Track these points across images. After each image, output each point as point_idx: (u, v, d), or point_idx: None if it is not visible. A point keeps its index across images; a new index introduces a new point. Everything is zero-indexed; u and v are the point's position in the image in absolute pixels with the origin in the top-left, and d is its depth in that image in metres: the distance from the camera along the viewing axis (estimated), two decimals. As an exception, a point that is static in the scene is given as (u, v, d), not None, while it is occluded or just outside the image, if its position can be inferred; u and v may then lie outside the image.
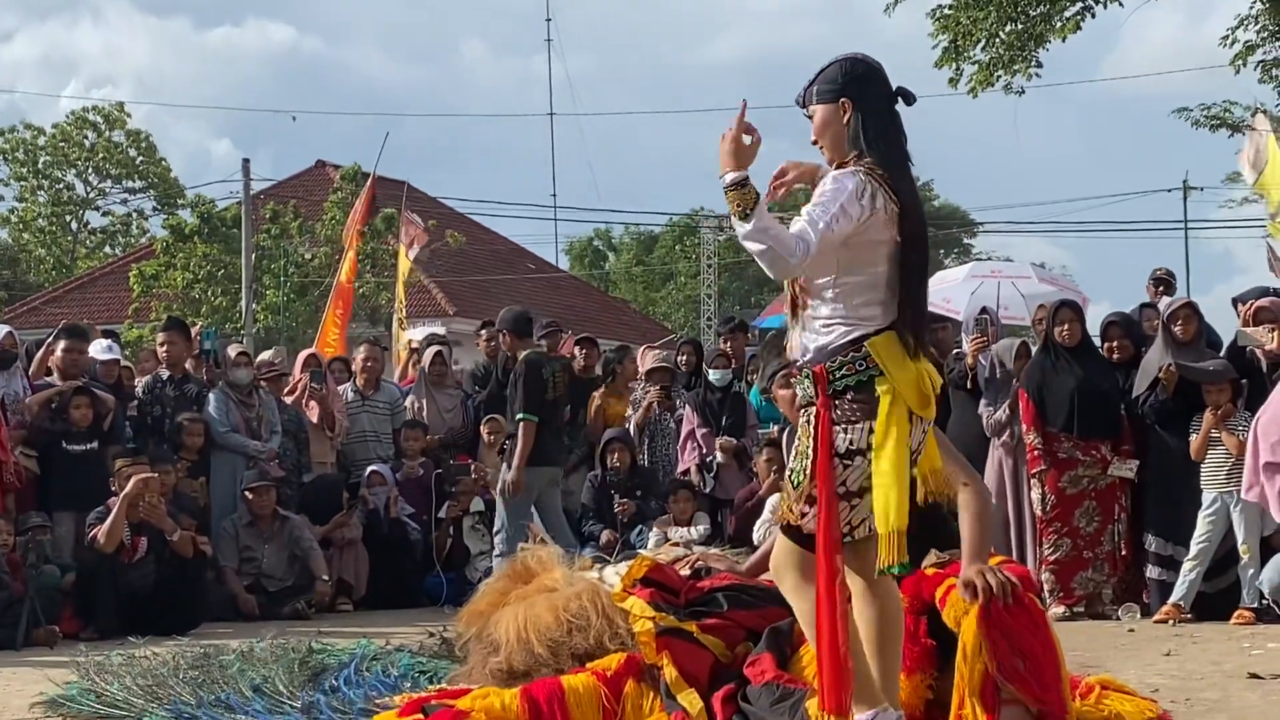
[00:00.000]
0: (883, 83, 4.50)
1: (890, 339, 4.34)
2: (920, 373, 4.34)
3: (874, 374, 4.30)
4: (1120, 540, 9.87)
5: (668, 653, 5.16)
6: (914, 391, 4.30)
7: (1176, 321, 9.83)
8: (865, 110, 4.42)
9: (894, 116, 4.49)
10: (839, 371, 4.33)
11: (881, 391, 4.28)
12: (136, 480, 9.73)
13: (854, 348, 4.33)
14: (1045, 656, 4.65)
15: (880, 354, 4.31)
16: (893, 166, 4.39)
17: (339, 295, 16.72)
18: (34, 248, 48.84)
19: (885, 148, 4.40)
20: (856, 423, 4.30)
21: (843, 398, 4.32)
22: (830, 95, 4.47)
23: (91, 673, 6.45)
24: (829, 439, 4.31)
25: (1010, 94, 18.38)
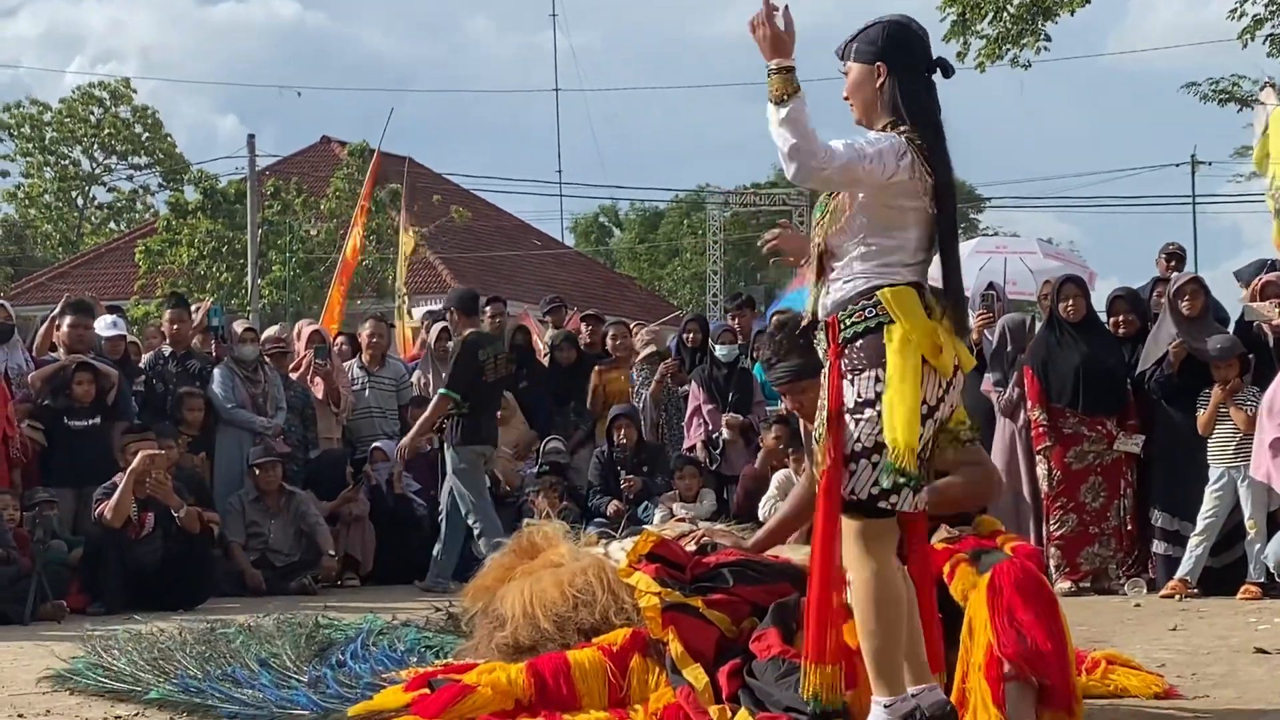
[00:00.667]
0: (923, 51, 4.43)
1: (908, 291, 4.26)
2: (938, 327, 4.26)
3: (883, 320, 4.23)
4: (1126, 515, 9.88)
5: (673, 628, 5.16)
6: (927, 340, 4.21)
7: (1183, 297, 9.80)
8: (900, 76, 4.36)
9: (930, 87, 4.42)
10: (849, 320, 4.28)
11: (891, 332, 4.20)
12: (143, 456, 9.73)
13: (866, 296, 4.27)
14: (1051, 632, 4.63)
15: (892, 302, 4.23)
16: (928, 138, 4.32)
17: (345, 271, 16.74)
18: (40, 224, 48.84)
19: (921, 118, 4.33)
20: (863, 370, 4.23)
21: (852, 345, 4.26)
22: (868, 56, 4.40)
23: (98, 648, 6.46)
24: (839, 393, 4.26)
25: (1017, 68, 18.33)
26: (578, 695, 5.12)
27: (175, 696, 5.60)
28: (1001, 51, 17.97)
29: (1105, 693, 5.52)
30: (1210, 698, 5.50)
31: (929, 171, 4.29)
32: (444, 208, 32.26)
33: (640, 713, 5.02)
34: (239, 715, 5.31)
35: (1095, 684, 5.57)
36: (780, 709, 4.70)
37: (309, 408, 12.16)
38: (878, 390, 4.20)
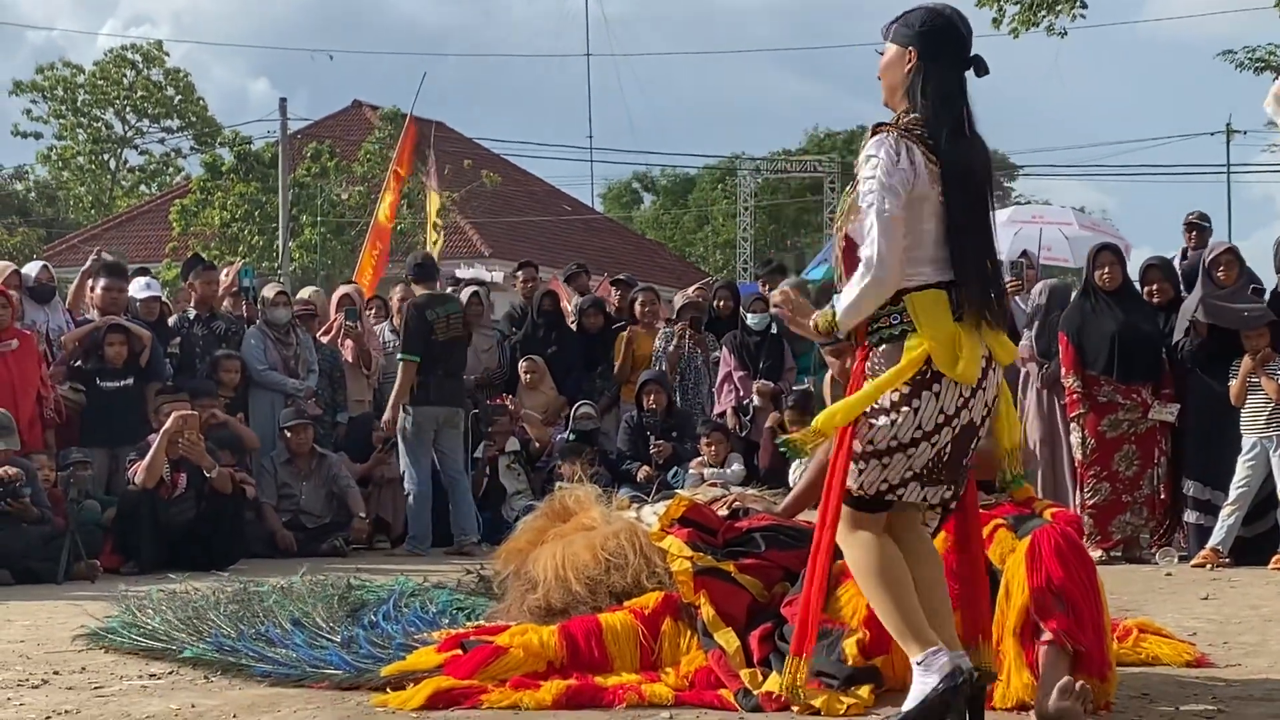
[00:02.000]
0: (958, 45, 4.36)
1: (933, 296, 4.25)
2: (958, 335, 4.24)
3: (907, 329, 4.23)
4: (1159, 484, 9.86)
5: (705, 592, 5.17)
6: (946, 351, 4.19)
7: (1219, 267, 9.76)
8: (928, 68, 4.32)
9: (959, 82, 4.36)
10: (876, 324, 4.28)
11: (909, 347, 4.21)
12: (176, 417, 9.78)
13: (893, 302, 4.27)
14: (1087, 599, 4.62)
15: (917, 309, 4.23)
16: (941, 129, 4.28)
17: (377, 234, 16.72)
18: (73, 186, 49.01)
19: (937, 110, 4.28)
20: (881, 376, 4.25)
21: (875, 350, 4.28)
22: (903, 39, 4.37)
23: (133, 606, 6.51)
24: (859, 389, 4.27)
25: (1053, 35, 18.20)
26: (609, 657, 5.14)
27: (209, 655, 5.63)
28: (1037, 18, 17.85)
29: (1137, 661, 5.52)
30: (1242, 666, 5.49)
31: (932, 158, 4.26)
32: (475, 172, 32.26)
33: (672, 675, 5.03)
34: (272, 674, 5.34)
35: (1127, 652, 5.57)
36: (812, 674, 4.70)
37: (338, 370, 12.22)
38: (893, 399, 4.22)
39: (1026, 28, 18.01)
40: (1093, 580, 4.67)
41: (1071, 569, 4.61)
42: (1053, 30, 18.13)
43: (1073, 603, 4.58)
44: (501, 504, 11.76)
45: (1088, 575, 4.65)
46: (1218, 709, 4.65)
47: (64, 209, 48.95)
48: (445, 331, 11.05)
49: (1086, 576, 4.64)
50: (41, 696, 5.16)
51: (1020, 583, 4.61)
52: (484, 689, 4.88)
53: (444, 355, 11.09)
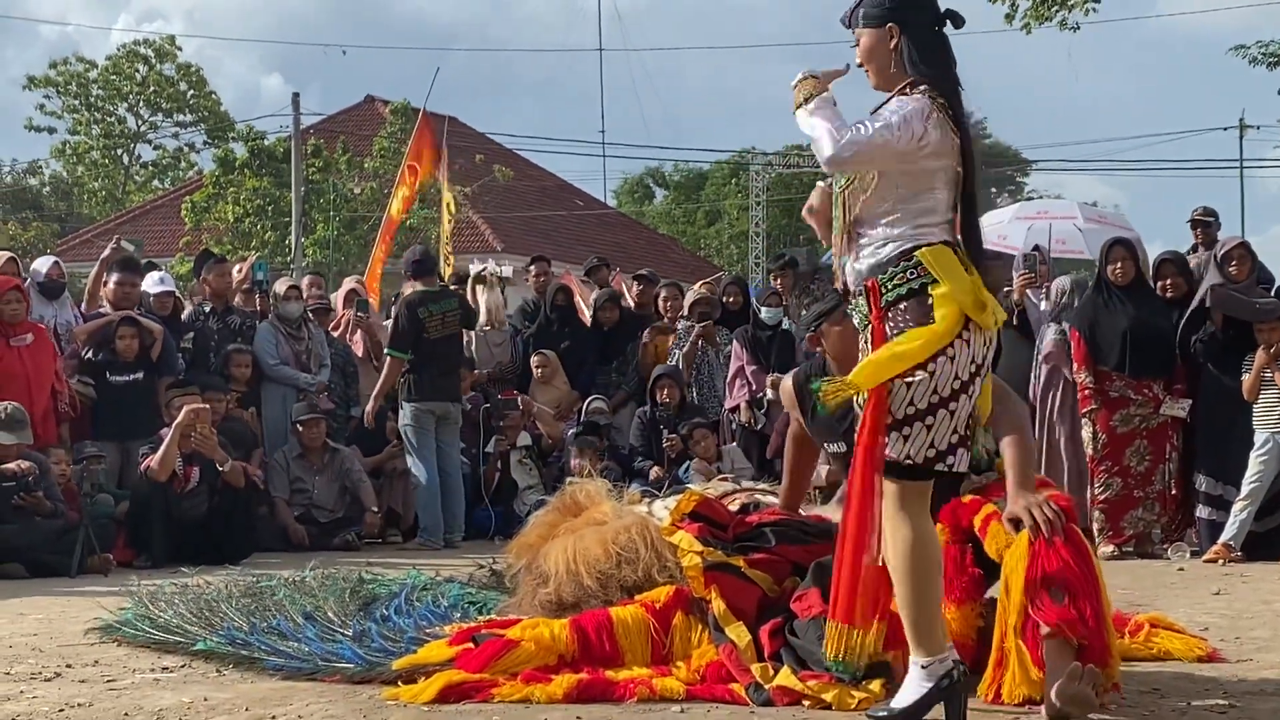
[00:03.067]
0: (931, 5, 4.39)
1: (944, 250, 4.24)
2: (977, 283, 4.24)
3: (926, 281, 4.20)
4: (1171, 480, 9.84)
5: (716, 586, 5.17)
6: (970, 297, 4.19)
7: (1231, 262, 9.75)
8: (913, 34, 4.32)
9: (943, 40, 4.38)
10: (891, 283, 4.24)
11: (938, 295, 4.17)
12: (188, 410, 9.80)
13: (905, 258, 4.24)
14: (1088, 591, 4.61)
15: (932, 261, 4.21)
16: (947, 89, 4.29)
17: (390, 230, 16.71)
18: (86, 181, 49.10)
19: (937, 73, 4.30)
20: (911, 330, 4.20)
21: (895, 308, 4.23)
22: (876, 19, 4.36)
23: (145, 599, 6.53)
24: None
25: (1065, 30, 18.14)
26: (620, 651, 5.14)
27: (222, 648, 5.65)
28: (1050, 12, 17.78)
29: (1149, 656, 5.51)
30: (1254, 661, 5.49)
31: (955, 130, 4.26)
32: (487, 167, 32.27)
33: (683, 669, 5.04)
34: (285, 667, 5.35)
35: (1138, 647, 5.56)
36: (822, 668, 4.71)
37: (351, 365, 12.24)
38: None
39: (1039, 22, 17.95)
40: (1093, 572, 4.65)
41: (1068, 556, 4.59)
42: (1065, 25, 18.07)
43: (1071, 592, 4.56)
44: (513, 499, 11.78)
45: (1087, 567, 4.63)
46: (1229, 704, 4.65)
47: (77, 204, 49.06)
48: (439, 329, 11.07)
49: (1086, 568, 4.62)
50: (54, 689, 5.18)
51: (1020, 578, 4.59)
52: (495, 682, 4.89)
53: (436, 353, 11.11)
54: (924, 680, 4.23)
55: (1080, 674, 4.34)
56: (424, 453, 11.04)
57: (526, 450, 12.01)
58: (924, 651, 4.24)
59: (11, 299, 10.28)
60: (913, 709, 4.24)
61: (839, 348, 5.26)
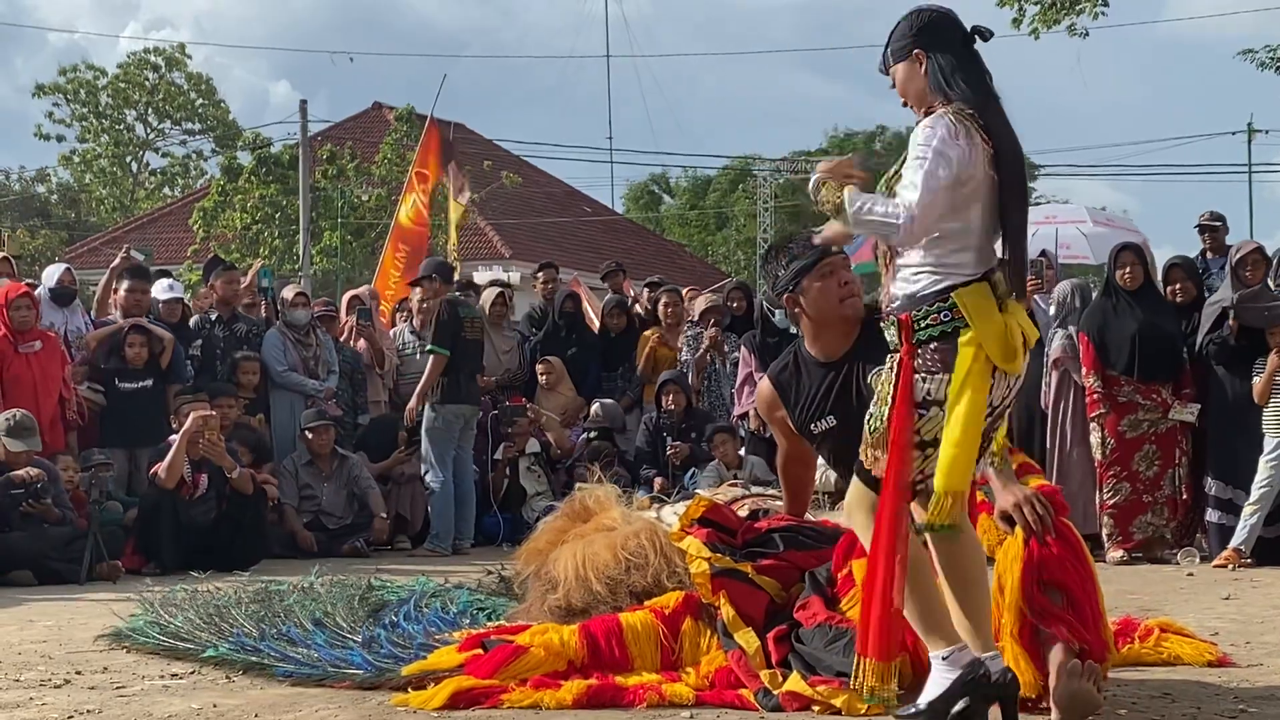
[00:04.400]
0: (954, 26, 4.40)
1: (980, 290, 4.26)
2: (1009, 326, 4.24)
3: (959, 325, 4.22)
4: (1181, 484, 9.82)
5: (725, 592, 5.16)
6: (999, 345, 4.21)
7: (1246, 266, 9.75)
8: (941, 57, 4.34)
9: (972, 55, 4.39)
10: (924, 321, 4.25)
11: (963, 343, 4.20)
12: (195, 417, 9.81)
13: (940, 298, 4.25)
14: (1084, 589, 4.59)
15: (967, 306, 4.22)
16: (979, 104, 4.30)
17: (399, 237, 16.68)
18: (95, 188, 49.18)
19: (967, 87, 4.31)
20: (936, 373, 4.23)
21: (925, 347, 4.26)
22: (903, 52, 4.41)
23: (154, 606, 6.53)
24: (909, 386, 4.25)
25: (1074, 35, 18.13)
26: (630, 657, 5.14)
27: (231, 655, 5.65)
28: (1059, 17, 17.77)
29: (1158, 661, 5.50)
30: (1264, 666, 5.48)
31: (986, 139, 4.27)
32: (494, 174, 32.29)
33: (692, 675, 5.03)
34: (294, 674, 5.35)
35: (1148, 652, 5.55)
36: (832, 674, 4.70)
37: (358, 373, 12.24)
38: (947, 393, 4.22)
39: (1047, 27, 17.94)
40: (1087, 568, 4.63)
41: (1062, 555, 4.56)
42: (1074, 30, 18.06)
43: (1068, 591, 4.54)
44: (521, 505, 11.77)
45: (1081, 563, 4.61)
46: (1240, 709, 4.64)
47: (86, 211, 49.12)
48: (471, 331, 11.18)
49: (1080, 564, 4.60)
50: (64, 696, 5.18)
51: (1014, 580, 4.57)
52: (505, 688, 4.88)
53: (470, 354, 11.21)
54: (947, 671, 4.21)
55: (1081, 671, 4.34)
56: (445, 457, 11.07)
57: (535, 457, 12.01)
58: (939, 642, 4.24)
59: (21, 305, 10.30)
60: (939, 701, 4.21)
61: (819, 304, 5.14)
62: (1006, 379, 4.28)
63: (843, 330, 5.14)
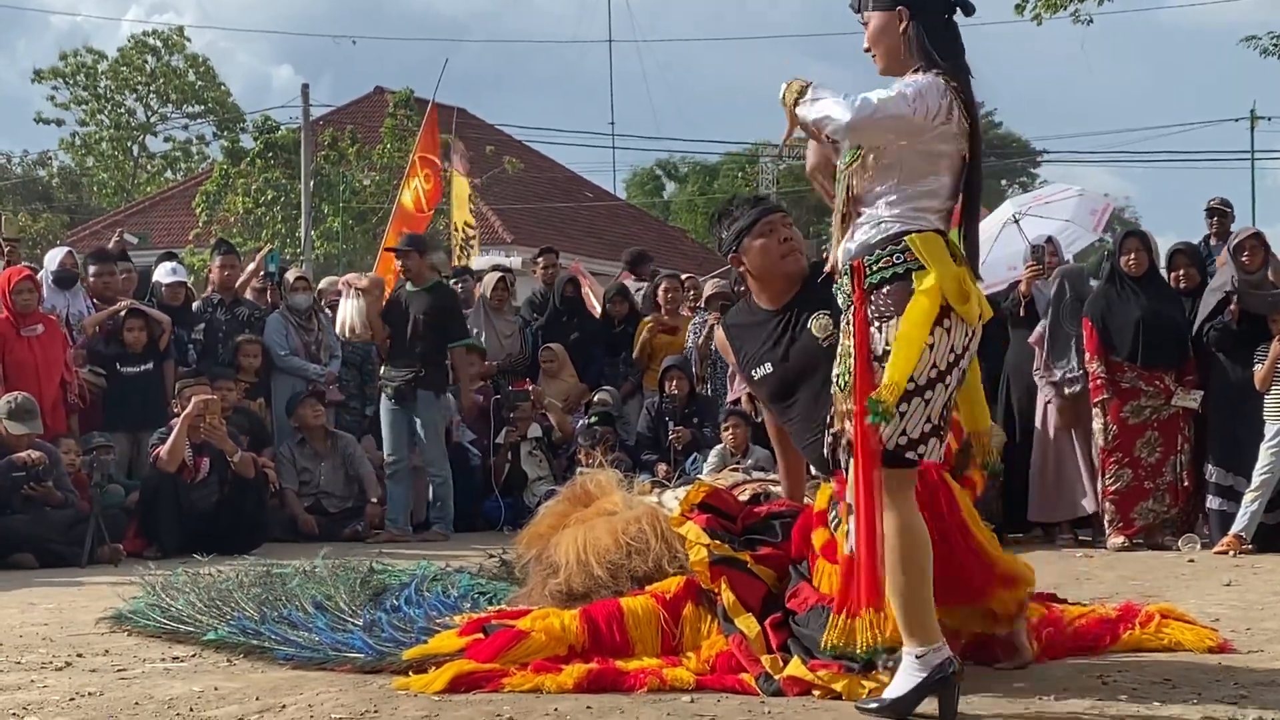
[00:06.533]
0: None
1: (934, 237, 4.21)
2: (964, 273, 4.20)
3: (911, 267, 4.17)
4: (1182, 471, 9.82)
5: (725, 579, 5.16)
6: (954, 285, 4.15)
7: (1243, 252, 9.74)
8: (924, 20, 4.29)
9: (953, 27, 4.35)
10: (876, 264, 4.21)
11: (918, 284, 4.14)
12: (197, 401, 9.81)
13: (893, 241, 4.21)
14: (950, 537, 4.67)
15: (920, 248, 4.17)
16: (960, 75, 4.27)
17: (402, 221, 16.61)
18: (96, 172, 49.13)
19: (950, 59, 4.28)
20: (890, 318, 4.16)
21: (878, 291, 4.20)
22: (887, 2, 4.34)
23: (156, 589, 6.53)
24: (865, 339, 4.20)
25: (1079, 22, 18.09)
26: (630, 642, 5.14)
27: (232, 638, 5.65)
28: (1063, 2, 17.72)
29: (1159, 646, 5.50)
30: (1265, 653, 5.47)
31: (965, 114, 4.24)
32: (496, 158, 32.24)
33: (693, 660, 5.03)
34: (295, 657, 5.35)
35: (1149, 638, 5.55)
36: (830, 657, 4.70)
37: (369, 363, 12.21)
38: None
39: (1051, 13, 17.91)
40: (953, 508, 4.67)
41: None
42: (1078, 17, 18.02)
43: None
44: (523, 490, 11.78)
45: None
46: (1241, 695, 4.63)
47: (87, 195, 49.08)
48: None
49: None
50: (65, 679, 5.18)
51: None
52: (506, 672, 4.89)
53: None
54: (918, 670, 4.21)
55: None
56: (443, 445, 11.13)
57: (537, 442, 12.01)
58: (918, 641, 4.22)
59: (23, 289, 10.30)
60: (905, 700, 4.23)
61: (760, 262, 5.18)
62: (964, 325, 4.21)
63: (785, 285, 5.17)
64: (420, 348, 10.98)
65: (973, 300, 4.21)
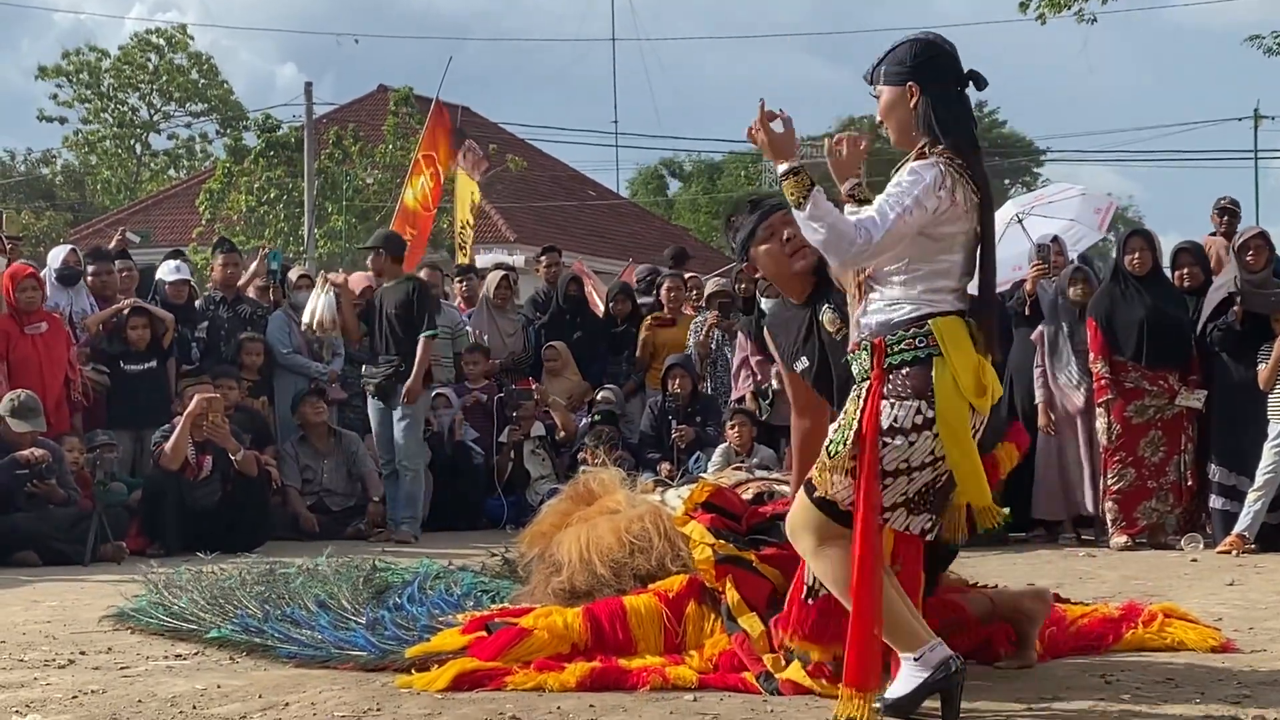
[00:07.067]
0: (952, 66, 4.38)
1: (957, 322, 4.25)
2: (982, 363, 4.24)
3: (933, 353, 4.20)
4: (1186, 471, 9.81)
5: (730, 577, 5.16)
6: (971, 378, 4.20)
7: (1248, 251, 9.73)
8: (934, 95, 4.31)
9: (963, 101, 4.38)
10: (898, 345, 4.23)
11: (938, 370, 4.18)
12: (199, 399, 9.82)
13: (917, 324, 4.24)
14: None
15: (943, 334, 4.21)
16: (966, 151, 4.29)
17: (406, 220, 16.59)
18: (100, 170, 49.16)
19: (958, 135, 4.30)
20: (906, 399, 4.20)
21: (897, 371, 4.23)
22: (898, 78, 4.36)
23: (159, 587, 6.54)
24: (876, 413, 4.22)
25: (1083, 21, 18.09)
26: (633, 640, 5.14)
27: (235, 636, 5.66)
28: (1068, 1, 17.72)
29: (1162, 646, 5.50)
30: (1268, 652, 5.47)
31: (974, 190, 4.27)
32: (500, 157, 32.25)
33: (696, 658, 5.03)
34: (298, 655, 5.35)
35: (1152, 637, 5.56)
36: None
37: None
38: (915, 421, 4.19)
39: (1055, 12, 17.91)
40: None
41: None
42: (1082, 16, 18.02)
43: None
44: (525, 488, 11.78)
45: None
46: (1243, 694, 4.63)
47: (90, 193, 49.11)
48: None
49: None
50: (68, 676, 5.18)
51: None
52: (508, 671, 4.89)
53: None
54: (918, 670, 4.22)
55: None
56: (422, 442, 11.00)
57: (539, 441, 12.01)
58: (909, 648, 4.25)
59: (28, 286, 10.31)
60: (907, 699, 4.23)
61: (770, 267, 5.16)
62: (976, 416, 4.26)
63: (801, 282, 5.13)
64: (393, 343, 10.87)
65: (988, 393, 4.25)
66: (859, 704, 4.18)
